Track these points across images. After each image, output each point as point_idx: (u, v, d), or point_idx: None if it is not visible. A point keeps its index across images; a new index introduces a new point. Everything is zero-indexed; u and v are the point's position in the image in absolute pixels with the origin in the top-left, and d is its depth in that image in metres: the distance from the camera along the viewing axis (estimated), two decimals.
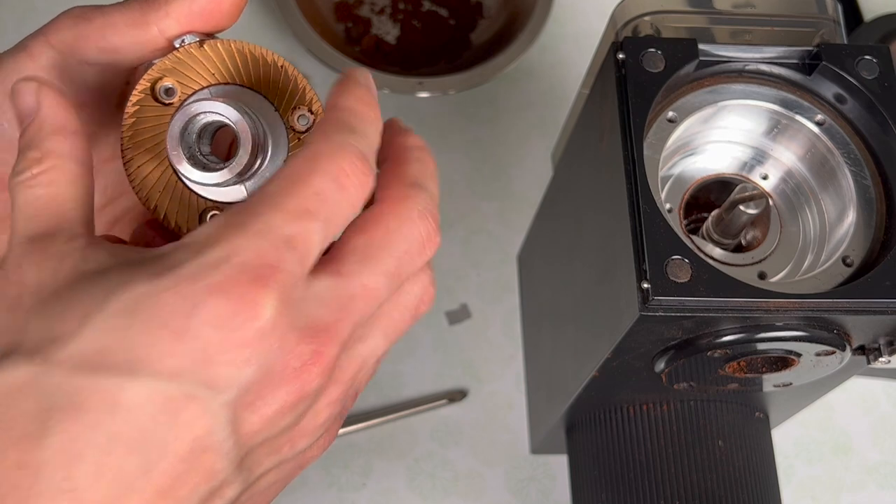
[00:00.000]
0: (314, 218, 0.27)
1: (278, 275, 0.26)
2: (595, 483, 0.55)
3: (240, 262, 0.26)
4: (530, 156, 0.76)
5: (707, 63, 0.46)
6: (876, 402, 0.71)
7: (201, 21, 0.32)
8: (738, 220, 0.45)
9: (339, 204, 0.28)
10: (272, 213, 0.27)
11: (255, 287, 0.25)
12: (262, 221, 0.26)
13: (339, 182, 0.28)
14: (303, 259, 0.27)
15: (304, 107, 0.33)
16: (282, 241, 0.26)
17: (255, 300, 0.25)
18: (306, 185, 0.27)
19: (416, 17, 0.79)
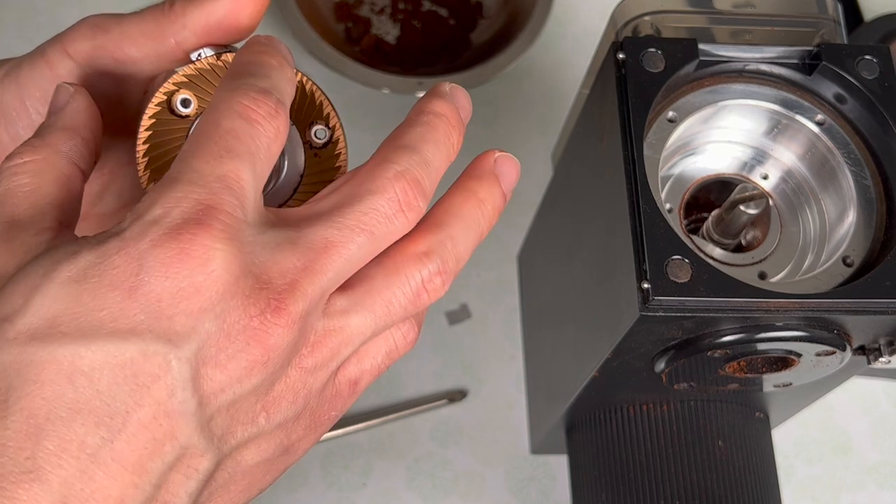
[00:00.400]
0: (236, 155, 0.27)
1: (220, 214, 0.26)
2: (595, 483, 0.55)
3: (179, 212, 0.25)
4: (530, 156, 0.76)
5: (707, 63, 0.46)
6: (876, 402, 0.71)
7: (219, 33, 0.32)
8: (739, 220, 0.45)
9: (256, 138, 0.27)
10: (195, 161, 0.26)
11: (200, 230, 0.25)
12: (190, 170, 0.26)
13: (246, 117, 0.27)
14: (240, 197, 0.26)
15: (321, 121, 0.33)
16: (214, 182, 0.26)
17: (202, 243, 0.25)
18: (217, 128, 0.27)
19: (416, 17, 0.79)
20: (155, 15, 0.32)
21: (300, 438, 0.30)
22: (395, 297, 0.30)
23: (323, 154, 0.33)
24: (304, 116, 0.33)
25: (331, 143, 0.33)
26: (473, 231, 0.31)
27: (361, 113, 0.76)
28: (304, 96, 0.33)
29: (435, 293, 0.30)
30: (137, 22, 0.32)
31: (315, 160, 0.33)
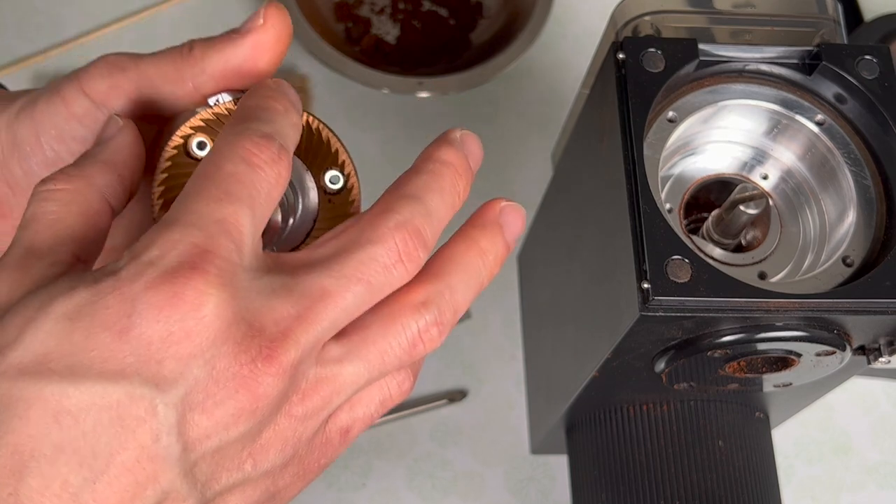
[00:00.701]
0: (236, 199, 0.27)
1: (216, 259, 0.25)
2: (595, 483, 0.55)
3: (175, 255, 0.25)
4: (530, 156, 0.76)
5: (707, 63, 0.46)
6: (876, 402, 0.71)
7: (237, 78, 0.32)
8: (738, 220, 0.45)
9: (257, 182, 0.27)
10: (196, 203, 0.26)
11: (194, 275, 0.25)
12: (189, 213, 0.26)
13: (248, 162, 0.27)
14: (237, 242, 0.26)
15: (336, 167, 0.33)
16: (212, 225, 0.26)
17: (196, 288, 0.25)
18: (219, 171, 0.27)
19: (416, 17, 0.79)
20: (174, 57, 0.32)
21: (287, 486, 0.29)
22: (391, 346, 0.29)
23: (337, 200, 0.33)
24: (319, 162, 0.33)
25: (345, 190, 0.33)
26: (474, 281, 0.31)
27: (361, 113, 0.76)
28: (321, 143, 0.33)
29: (431, 344, 0.30)
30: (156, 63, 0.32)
31: (329, 206, 0.33)
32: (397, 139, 0.75)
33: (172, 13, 0.78)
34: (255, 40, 0.32)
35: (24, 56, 0.74)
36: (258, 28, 0.32)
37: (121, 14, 0.78)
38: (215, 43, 0.32)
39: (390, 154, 0.74)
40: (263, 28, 0.32)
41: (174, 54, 0.32)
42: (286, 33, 0.32)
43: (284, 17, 0.32)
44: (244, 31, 0.32)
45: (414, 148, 0.81)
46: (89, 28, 0.77)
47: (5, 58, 0.74)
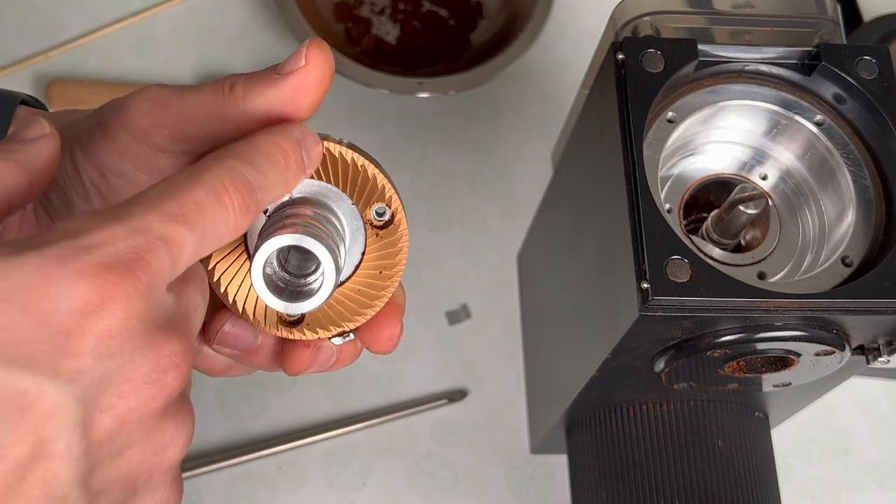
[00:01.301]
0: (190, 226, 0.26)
1: (149, 270, 0.25)
2: (595, 483, 0.55)
3: (113, 251, 0.25)
4: (530, 156, 0.76)
5: (707, 63, 0.47)
6: (875, 402, 0.71)
7: (279, 120, 0.31)
8: (738, 220, 0.45)
9: (216, 221, 0.27)
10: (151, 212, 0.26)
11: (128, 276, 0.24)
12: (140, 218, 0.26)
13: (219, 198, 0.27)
14: (173, 263, 0.26)
15: (383, 202, 0.34)
16: (157, 239, 0.26)
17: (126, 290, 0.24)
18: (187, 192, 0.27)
19: (416, 18, 0.80)
20: (215, 95, 0.31)
21: None
22: None
23: (384, 234, 0.34)
24: (366, 197, 0.34)
25: (392, 224, 0.34)
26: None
27: (361, 113, 0.76)
28: (367, 179, 0.33)
29: None
30: (197, 101, 0.31)
31: (376, 239, 0.34)
32: (397, 139, 0.75)
33: (173, 13, 0.78)
34: (298, 83, 0.31)
35: (24, 56, 0.75)
36: (300, 70, 0.31)
37: (121, 14, 0.78)
38: (256, 83, 0.31)
39: (390, 154, 0.74)
40: (305, 70, 0.31)
41: (216, 91, 0.31)
42: (329, 73, 0.32)
43: (327, 56, 0.31)
44: (286, 73, 0.31)
45: (414, 148, 0.82)
46: (90, 29, 0.77)
47: (6, 58, 0.75)
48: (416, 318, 0.70)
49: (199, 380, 0.66)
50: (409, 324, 0.69)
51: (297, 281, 0.33)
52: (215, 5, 0.78)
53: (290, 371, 0.35)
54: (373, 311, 0.35)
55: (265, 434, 0.66)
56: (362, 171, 0.33)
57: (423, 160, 0.75)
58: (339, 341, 0.35)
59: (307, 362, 0.35)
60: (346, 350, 0.36)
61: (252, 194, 0.28)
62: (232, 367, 0.37)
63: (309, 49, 0.31)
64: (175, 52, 0.77)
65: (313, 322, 0.35)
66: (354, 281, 0.34)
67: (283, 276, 0.33)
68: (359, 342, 0.36)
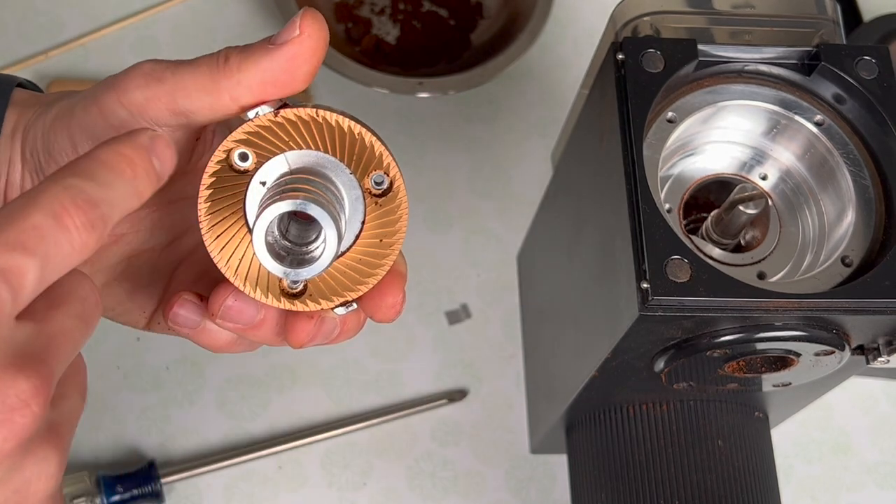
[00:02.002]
0: (29, 253, 0.25)
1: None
2: (595, 483, 0.55)
3: None
4: (530, 156, 0.76)
5: (706, 63, 0.47)
6: (875, 402, 0.71)
7: (274, 89, 0.32)
8: (738, 220, 0.45)
9: (59, 243, 0.26)
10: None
11: None
12: None
13: (58, 219, 0.26)
14: (15, 295, 0.25)
15: (381, 170, 0.34)
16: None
17: None
18: (23, 218, 0.26)
19: (416, 18, 0.80)
20: (210, 68, 0.31)
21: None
22: None
23: (383, 202, 0.34)
24: (364, 165, 0.34)
25: (391, 192, 0.34)
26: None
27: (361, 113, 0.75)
28: (364, 147, 0.33)
29: None
30: (192, 74, 0.32)
31: (376, 207, 0.34)
32: (397, 139, 0.75)
33: (173, 13, 0.78)
34: (292, 53, 0.31)
35: (25, 56, 0.75)
36: (294, 39, 0.31)
37: (121, 14, 0.78)
38: (251, 54, 0.31)
39: None
40: (300, 39, 0.31)
41: (210, 64, 0.31)
42: (323, 43, 0.31)
43: (321, 25, 0.31)
44: (280, 42, 0.31)
45: (414, 148, 0.82)
46: (90, 28, 0.77)
47: (7, 58, 0.75)
48: (416, 318, 0.70)
49: (199, 380, 0.67)
50: (409, 324, 0.70)
51: (299, 249, 0.33)
52: (215, 5, 0.78)
53: (295, 343, 0.35)
54: (375, 280, 0.35)
55: (265, 434, 0.66)
56: (359, 139, 0.33)
57: (423, 160, 0.75)
58: (343, 311, 0.35)
59: (311, 334, 0.35)
60: (350, 321, 0.36)
61: (95, 210, 0.27)
62: (235, 342, 0.37)
63: (303, 19, 0.31)
64: (175, 52, 0.77)
65: (315, 293, 0.35)
66: (355, 250, 0.34)
67: (285, 244, 0.33)
68: (362, 312, 0.36)
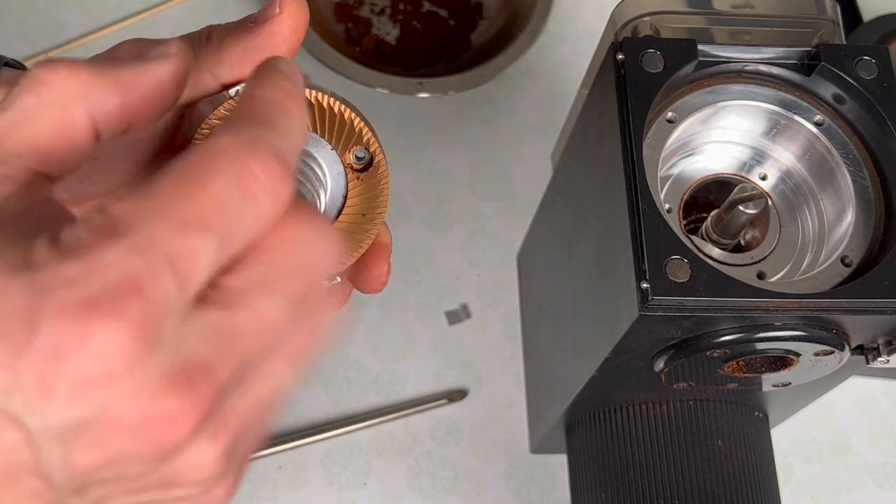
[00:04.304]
0: (207, 231, 0.22)
1: (144, 303, 0.22)
2: (595, 483, 0.55)
3: (101, 283, 0.21)
4: (530, 156, 0.76)
5: (706, 63, 0.47)
6: (875, 402, 0.71)
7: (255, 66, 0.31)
8: (738, 220, 0.45)
9: (242, 216, 0.23)
10: (155, 221, 0.22)
11: (113, 315, 0.21)
12: (141, 231, 0.22)
13: (244, 188, 0.23)
14: (184, 284, 0.22)
15: (361, 145, 0.34)
16: (161, 259, 0.22)
17: (106, 334, 0.21)
18: (203, 186, 0.23)
19: (416, 18, 0.80)
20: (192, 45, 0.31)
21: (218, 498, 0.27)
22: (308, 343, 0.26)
23: (365, 177, 0.34)
24: (344, 141, 0.34)
25: (372, 167, 0.34)
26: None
27: None
28: (344, 123, 0.34)
29: None
30: None
31: (357, 182, 0.34)
32: (397, 139, 0.76)
33: (173, 14, 0.78)
34: (272, 31, 0.31)
35: (25, 57, 0.75)
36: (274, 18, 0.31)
37: (121, 15, 0.78)
38: (232, 31, 0.32)
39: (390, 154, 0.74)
40: (279, 18, 0.31)
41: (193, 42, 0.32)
42: (303, 22, 0.32)
43: (301, 4, 0.32)
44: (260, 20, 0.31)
45: (414, 148, 0.82)
46: (90, 29, 0.77)
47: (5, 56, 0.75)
48: (416, 318, 0.70)
49: None
50: (409, 324, 0.70)
51: None
52: (215, 5, 0.78)
53: None
54: (358, 253, 0.35)
55: None
56: (339, 115, 0.34)
57: (423, 160, 0.75)
58: (327, 284, 0.35)
59: None
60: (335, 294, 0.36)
61: (284, 168, 0.24)
62: None
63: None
64: None
65: None
66: (338, 225, 0.35)
67: None
68: (348, 285, 0.36)
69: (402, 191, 0.74)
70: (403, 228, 0.72)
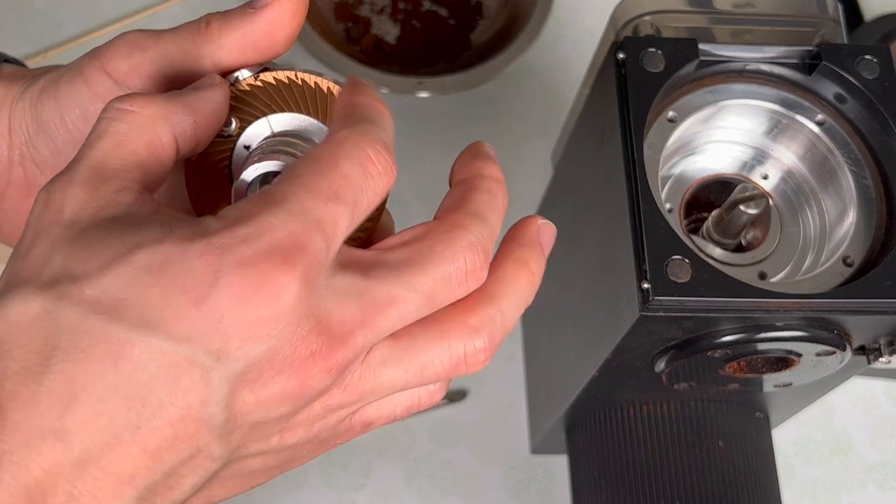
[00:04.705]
0: (342, 201, 0.27)
1: (306, 256, 0.26)
2: (595, 483, 0.55)
3: (270, 240, 0.26)
4: (530, 156, 0.76)
5: (707, 63, 0.46)
6: (876, 402, 0.71)
7: (255, 53, 0.32)
8: (739, 220, 0.45)
9: (365, 190, 0.28)
10: (304, 193, 0.27)
11: (282, 267, 0.26)
12: (295, 201, 0.27)
13: (364, 167, 0.28)
14: (330, 243, 0.27)
15: None
16: (312, 222, 0.26)
17: (279, 280, 0.26)
18: (335, 167, 0.28)
19: (416, 17, 0.79)
20: (191, 34, 0.32)
21: (301, 456, 0.31)
22: (434, 361, 0.30)
23: None
24: None
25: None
26: (523, 303, 0.32)
27: None
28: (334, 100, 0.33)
29: (475, 367, 0.30)
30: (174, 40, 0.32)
31: None
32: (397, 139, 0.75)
33: (172, 13, 0.78)
34: (271, 17, 0.32)
35: (24, 56, 0.74)
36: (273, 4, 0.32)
37: (121, 14, 0.77)
38: (231, 18, 0.32)
39: None
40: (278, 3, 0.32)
41: (192, 30, 0.32)
42: (302, 7, 0.32)
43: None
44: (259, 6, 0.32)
45: (414, 148, 0.81)
46: (89, 28, 0.77)
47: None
48: None
49: None
50: None
51: None
52: (214, 5, 0.78)
53: None
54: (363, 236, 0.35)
55: None
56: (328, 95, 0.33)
57: (423, 160, 0.75)
58: None
59: None
60: None
61: (390, 155, 0.29)
62: None
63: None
64: None
65: None
66: None
67: None
68: None
69: (403, 191, 0.73)
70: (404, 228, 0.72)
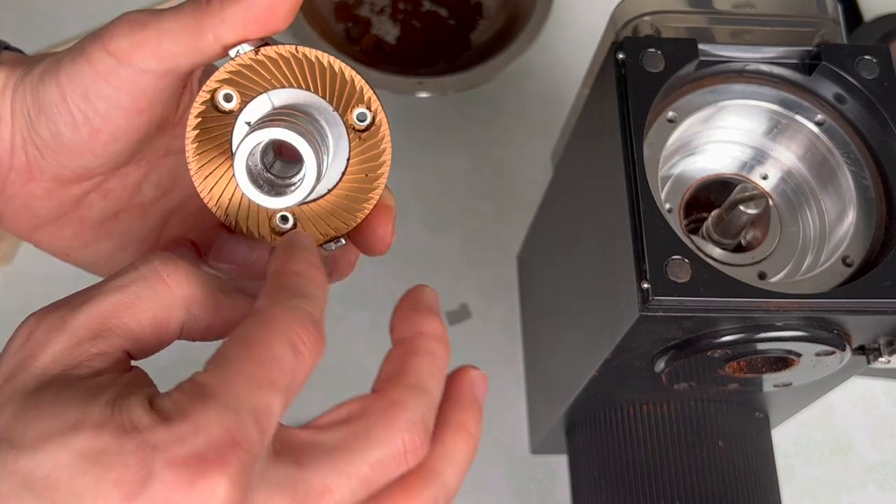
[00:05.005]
0: (276, 387, 0.27)
1: (240, 453, 0.26)
2: (595, 483, 0.55)
3: (205, 439, 0.25)
4: (530, 156, 0.76)
5: (707, 63, 0.46)
6: (876, 402, 0.71)
7: (256, 27, 0.32)
8: (738, 220, 0.45)
9: (296, 371, 0.28)
10: (238, 382, 0.26)
11: (217, 465, 0.25)
12: (230, 394, 0.26)
13: (295, 348, 0.28)
14: (264, 433, 0.27)
15: (363, 105, 0.34)
16: (247, 412, 0.26)
17: (212, 480, 0.25)
18: (266, 350, 0.27)
19: (416, 17, 0.79)
20: (193, 10, 0.32)
21: None
22: None
23: (366, 137, 0.34)
24: (346, 101, 0.34)
25: (374, 126, 0.34)
26: (466, 469, 0.31)
27: None
28: (346, 82, 0.34)
29: None
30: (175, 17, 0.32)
31: (360, 143, 0.34)
32: (397, 139, 0.75)
33: None
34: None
35: None
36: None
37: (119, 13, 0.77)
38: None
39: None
40: None
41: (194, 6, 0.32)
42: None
43: None
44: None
45: (414, 148, 0.81)
46: (89, 28, 0.77)
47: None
48: None
49: None
50: None
51: (281, 182, 0.33)
52: None
53: None
54: (362, 214, 0.35)
55: None
56: (340, 74, 0.33)
57: (423, 160, 0.75)
58: (332, 247, 0.36)
59: None
60: (341, 259, 0.37)
61: (319, 330, 0.29)
62: None
63: None
64: None
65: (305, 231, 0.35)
66: (342, 187, 0.35)
67: (268, 177, 0.33)
68: (354, 250, 0.37)
69: (402, 191, 0.73)
70: (403, 228, 0.72)
